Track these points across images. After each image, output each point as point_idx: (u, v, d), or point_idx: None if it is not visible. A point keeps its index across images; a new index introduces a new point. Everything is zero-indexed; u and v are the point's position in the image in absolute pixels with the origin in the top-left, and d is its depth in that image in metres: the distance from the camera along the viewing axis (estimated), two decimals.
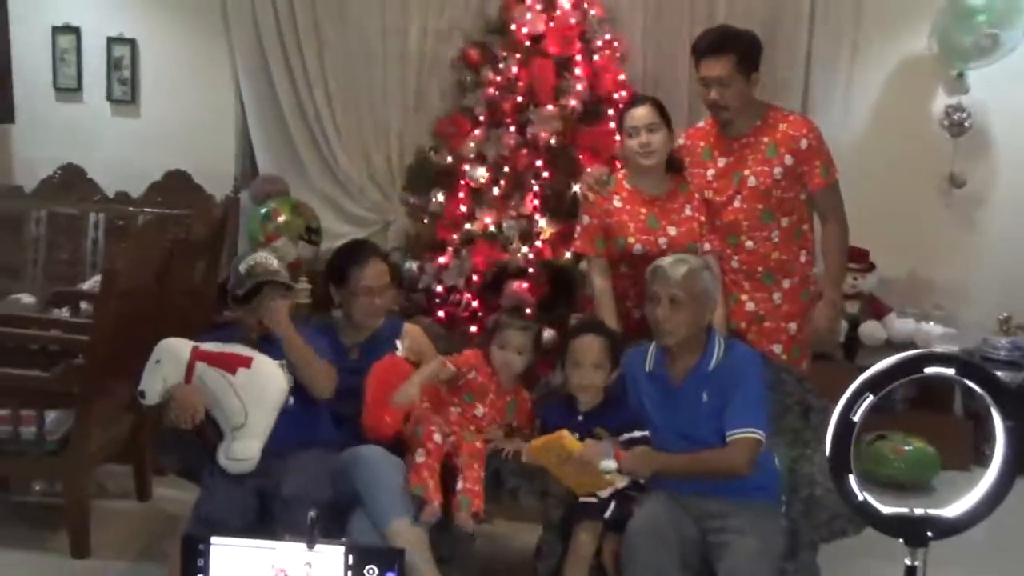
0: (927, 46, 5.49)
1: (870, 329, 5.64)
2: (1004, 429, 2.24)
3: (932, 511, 2.32)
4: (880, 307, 5.74)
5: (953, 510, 2.30)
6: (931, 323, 5.62)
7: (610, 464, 3.19)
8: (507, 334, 3.51)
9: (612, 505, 3.23)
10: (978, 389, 2.24)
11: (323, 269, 3.79)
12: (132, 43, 6.05)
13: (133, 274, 4.00)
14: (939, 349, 2.36)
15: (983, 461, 5.27)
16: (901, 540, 2.32)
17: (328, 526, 3.23)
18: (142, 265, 4.17)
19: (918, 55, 5.58)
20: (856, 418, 2.25)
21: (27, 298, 5.52)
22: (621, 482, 3.24)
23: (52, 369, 3.95)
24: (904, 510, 2.33)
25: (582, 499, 3.25)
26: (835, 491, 2.42)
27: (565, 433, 3.22)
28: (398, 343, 3.65)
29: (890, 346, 5.63)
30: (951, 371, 2.22)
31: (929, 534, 2.29)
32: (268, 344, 3.49)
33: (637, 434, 3.31)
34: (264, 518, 3.27)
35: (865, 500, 2.32)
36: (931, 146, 5.60)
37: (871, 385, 2.25)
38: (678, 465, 3.25)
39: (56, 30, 6.09)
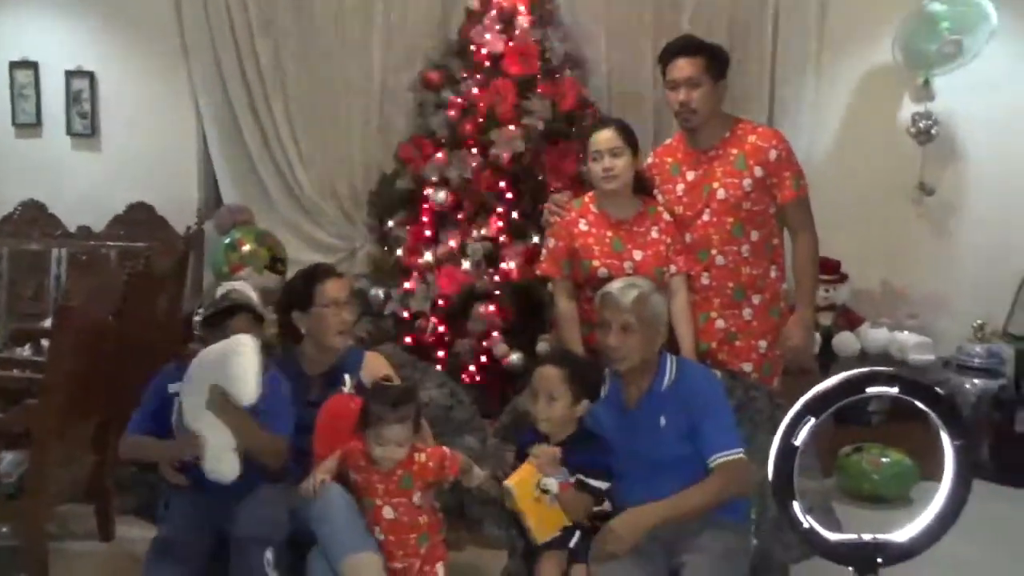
0: (892, 54, 5.48)
1: (844, 340, 5.61)
2: (952, 448, 2.17)
3: (881, 536, 2.25)
4: (853, 318, 5.72)
5: (903, 534, 2.23)
6: (905, 332, 5.59)
7: (552, 485, 3.10)
8: (384, 430, 3.12)
9: (576, 535, 3.15)
10: (924, 408, 2.17)
11: (282, 299, 3.70)
12: (91, 76, 5.99)
13: (88, 311, 3.93)
14: (881, 368, 2.25)
15: None
16: (851, 568, 2.25)
17: (290, 564, 3.20)
18: (98, 302, 4.10)
19: (883, 64, 5.57)
20: (798, 443, 2.18)
21: None
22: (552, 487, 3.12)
23: (8, 410, 3.88)
24: (852, 536, 2.26)
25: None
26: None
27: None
28: (346, 379, 3.55)
29: (865, 357, 5.62)
30: (894, 390, 2.15)
31: (879, 560, 2.22)
32: None
33: (592, 483, 3.17)
34: (223, 556, 3.18)
35: (811, 527, 2.26)
36: (900, 155, 5.58)
37: (812, 408, 2.18)
38: (674, 513, 3.12)
39: (13, 65, 6.02)
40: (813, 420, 2.16)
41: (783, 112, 5.64)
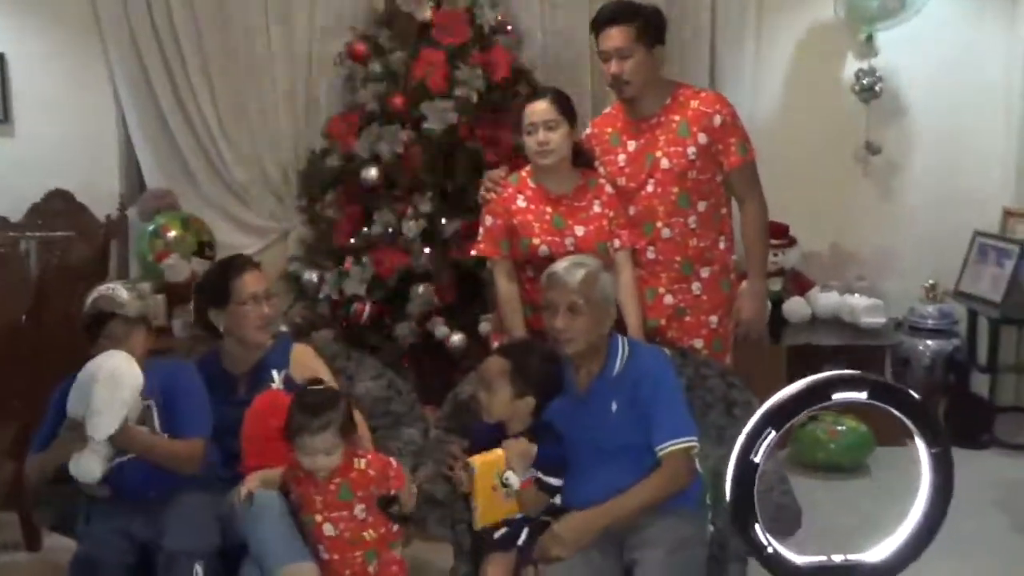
0: (834, 10, 5.37)
1: (794, 306, 5.52)
2: (929, 456, 1.98)
3: (853, 557, 2.08)
4: (803, 282, 5.64)
5: (876, 554, 2.04)
6: (856, 295, 5.53)
7: (514, 480, 2.94)
8: (307, 440, 2.88)
9: (524, 533, 2.99)
10: (896, 413, 1.98)
11: (196, 297, 3.48)
12: (1, 57, 5.67)
13: None
14: (849, 372, 2.01)
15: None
16: None
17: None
18: (9, 302, 3.87)
19: (825, 20, 5.47)
20: (758, 459, 1.97)
21: None
22: (513, 482, 2.96)
23: None
24: (821, 558, 2.09)
25: (496, 534, 2.99)
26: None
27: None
28: (275, 374, 3.36)
29: (815, 322, 5.53)
30: (863, 395, 1.96)
31: None
32: None
33: (550, 481, 3.00)
34: (147, 570, 3.01)
35: (775, 552, 2.06)
36: (845, 114, 5.49)
37: (772, 419, 1.97)
38: (621, 513, 2.97)
39: None
40: (774, 433, 1.95)
41: (724, 74, 5.49)
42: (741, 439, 1.96)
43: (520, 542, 2.99)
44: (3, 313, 3.80)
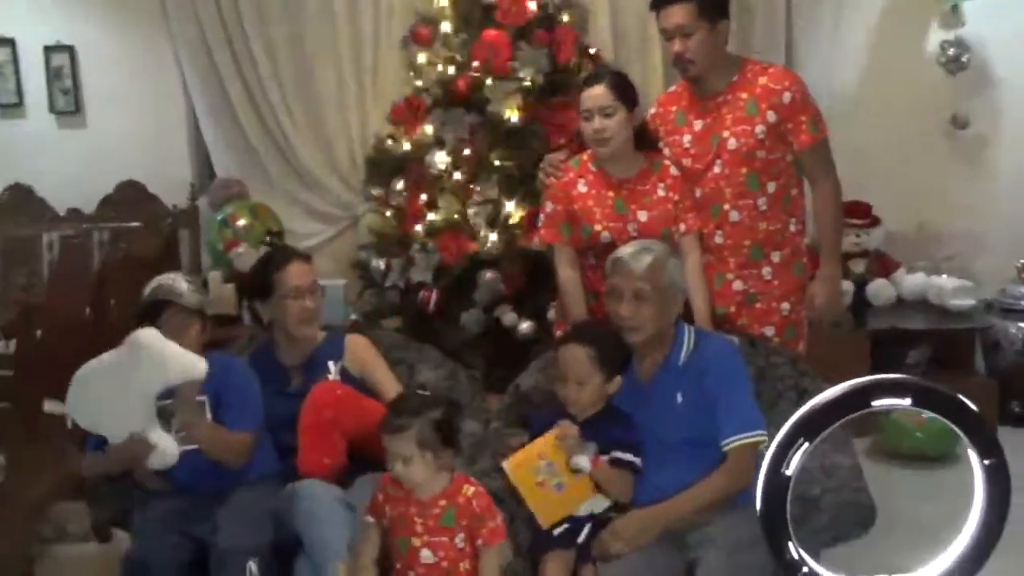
0: None
1: (878, 288, 5.32)
2: (982, 469, 1.80)
3: None
4: (888, 263, 5.42)
5: (927, 573, 1.87)
6: (944, 276, 5.30)
7: (583, 462, 2.83)
8: (385, 441, 2.72)
9: (587, 529, 2.88)
10: (945, 421, 1.80)
11: (242, 288, 3.43)
12: (71, 50, 5.69)
13: (59, 307, 3.69)
14: (890, 376, 1.79)
15: (1011, 420, 4.94)
16: None
17: (276, 573, 2.95)
18: (74, 294, 3.86)
19: None
20: (790, 471, 1.81)
21: None
22: (598, 507, 2.88)
23: None
24: None
25: (555, 531, 2.89)
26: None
27: (543, 438, 2.87)
28: (331, 366, 3.29)
29: (902, 304, 5.33)
30: (906, 402, 1.78)
31: None
32: None
33: (627, 456, 2.89)
34: (203, 566, 2.94)
35: (812, 571, 1.89)
36: (929, 87, 5.29)
37: (805, 430, 1.80)
38: (683, 511, 2.86)
39: None
40: (807, 445, 1.79)
41: (801, 47, 5.34)
42: (771, 450, 1.81)
43: (580, 539, 2.88)
44: (68, 304, 3.77)
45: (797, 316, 3.55)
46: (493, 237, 4.70)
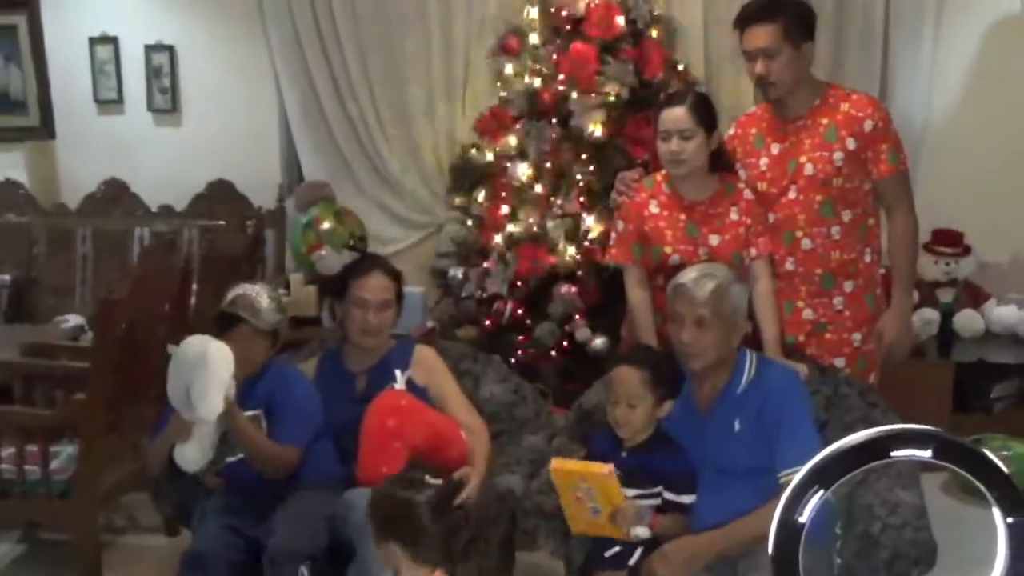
0: (1019, 2, 5.00)
1: (966, 319, 5.17)
2: (1005, 528, 1.73)
3: None
4: (978, 294, 5.26)
5: None
6: None
7: (643, 533, 2.82)
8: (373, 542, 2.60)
9: (638, 552, 2.86)
10: (968, 476, 1.73)
11: (323, 285, 3.49)
12: (171, 50, 5.82)
13: (138, 303, 3.76)
14: (913, 427, 1.68)
15: None
16: None
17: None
18: (155, 290, 3.94)
19: (1010, 13, 5.08)
20: (804, 519, 1.76)
21: (75, 319, 5.34)
22: (643, 534, 2.84)
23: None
24: None
25: (607, 553, 2.89)
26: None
27: (611, 472, 2.80)
28: (397, 374, 3.32)
29: (989, 336, 5.17)
30: (926, 453, 1.72)
31: None
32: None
33: (679, 499, 2.88)
34: (257, 566, 2.99)
35: None
36: None
37: (821, 477, 1.75)
38: (735, 541, 2.82)
39: (93, 41, 5.86)
40: (823, 492, 1.75)
41: (898, 73, 5.17)
42: (785, 496, 1.77)
43: (632, 562, 2.86)
44: (152, 300, 3.85)
45: (868, 347, 3.48)
46: (571, 251, 4.69)
